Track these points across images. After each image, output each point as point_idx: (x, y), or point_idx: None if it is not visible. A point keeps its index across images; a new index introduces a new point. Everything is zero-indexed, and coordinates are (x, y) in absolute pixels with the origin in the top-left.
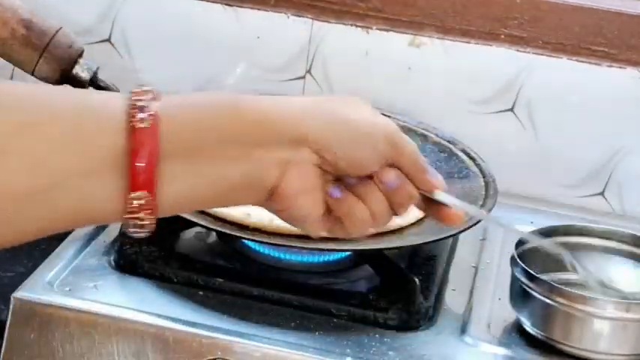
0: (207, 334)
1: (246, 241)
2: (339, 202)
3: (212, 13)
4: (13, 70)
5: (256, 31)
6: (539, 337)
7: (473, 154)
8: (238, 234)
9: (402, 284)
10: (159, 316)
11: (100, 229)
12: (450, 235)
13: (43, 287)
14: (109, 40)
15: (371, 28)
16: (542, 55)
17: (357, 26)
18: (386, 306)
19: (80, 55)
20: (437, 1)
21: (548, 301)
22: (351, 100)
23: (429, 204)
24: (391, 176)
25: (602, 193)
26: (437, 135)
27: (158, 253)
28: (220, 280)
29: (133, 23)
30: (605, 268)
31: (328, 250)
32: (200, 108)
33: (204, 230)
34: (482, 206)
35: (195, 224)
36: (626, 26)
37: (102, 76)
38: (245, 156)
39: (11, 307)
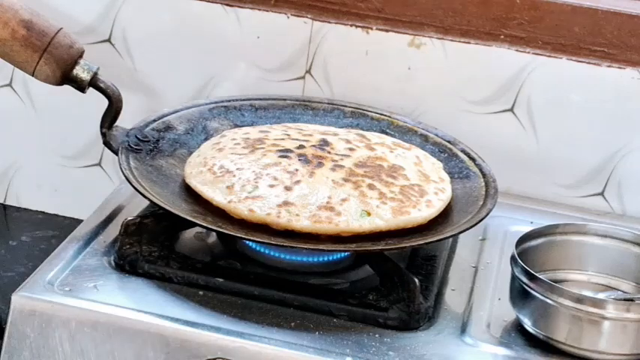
0: (207, 334)
1: (246, 241)
2: None
3: (212, 13)
4: (13, 70)
5: (256, 31)
6: (539, 336)
7: (473, 155)
8: (238, 234)
9: (402, 284)
10: (159, 316)
11: (100, 229)
12: (450, 236)
13: (43, 287)
14: (109, 40)
15: (371, 28)
16: (542, 55)
17: (357, 26)
18: (386, 306)
19: (81, 56)
20: (437, 1)
21: (548, 300)
22: None
23: None
24: None
25: (601, 193)
26: (437, 135)
27: (158, 253)
28: (220, 280)
29: (133, 23)
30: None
31: (328, 250)
32: None
33: (204, 230)
34: (482, 206)
35: (195, 224)
36: (625, 26)
37: (102, 76)
38: None
39: (11, 307)
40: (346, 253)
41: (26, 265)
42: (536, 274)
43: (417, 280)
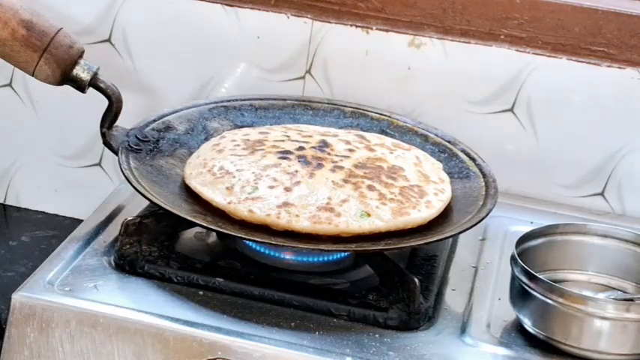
0: (207, 334)
1: (246, 241)
2: None
3: (212, 13)
4: (13, 70)
5: (256, 31)
6: (540, 336)
7: (473, 155)
8: (238, 234)
9: (402, 284)
10: (159, 316)
11: (100, 229)
12: (450, 236)
13: (43, 287)
14: (109, 40)
15: (371, 28)
16: (541, 55)
17: (357, 26)
18: (386, 306)
19: (81, 56)
20: (437, 1)
21: (548, 300)
22: None
23: None
24: None
25: (601, 193)
26: (437, 135)
27: (158, 253)
28: (220, 280)
29: (133, 23)
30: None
31: (328, 250)
32: None
33: (204, 230)
34: (482, 206)
35: (195, 224)
36: (625, 26)
37: (102, 76)
38: None
39: (11, 307)
40: (346, 253)
41: (26, 265)
42: (536, 274)
43: (417, 280)
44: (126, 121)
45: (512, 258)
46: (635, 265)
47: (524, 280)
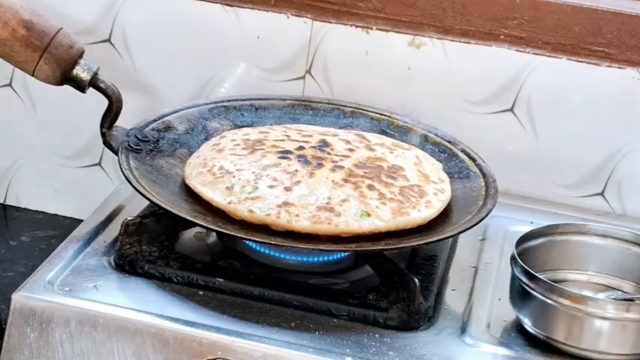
0: (207, 334)
1: (246, 241)
2: None
3: (212, 13)
4: (13, 70)
5: (256, 31)
6: (540, 336)
7: (473, 155)
8: (238, 234)
9: (402, 284)
10: (159, 316)
11: (100, 229)
12: (450, 236)
13: (43, 287)
14: (109, 40)
15: (371, 28)
16: (541, 55)
17: (357, 26)
18: (386, 306)
19: (81, 56)
20: (437, 1)
21: (548, 300)
22: None
23: None
24: None
25: (601, 194)
26: (437, 135)
27: (158, 253)
28: (220, 280)
29: (133, 23)
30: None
31: (328, 250)
32: None
33: (204, 230)
34: (482, 206)
35: (195, 224)
36: (625, 26)
37: (102, 76)
38: None
39: (11, 307)
40: (346, 253)
41: (26, 265)
42: (536, 274)
43: (417, 280)
44: (126, 121)
45: (512, 258)
46: (635, 265)
47: (524, 280)
